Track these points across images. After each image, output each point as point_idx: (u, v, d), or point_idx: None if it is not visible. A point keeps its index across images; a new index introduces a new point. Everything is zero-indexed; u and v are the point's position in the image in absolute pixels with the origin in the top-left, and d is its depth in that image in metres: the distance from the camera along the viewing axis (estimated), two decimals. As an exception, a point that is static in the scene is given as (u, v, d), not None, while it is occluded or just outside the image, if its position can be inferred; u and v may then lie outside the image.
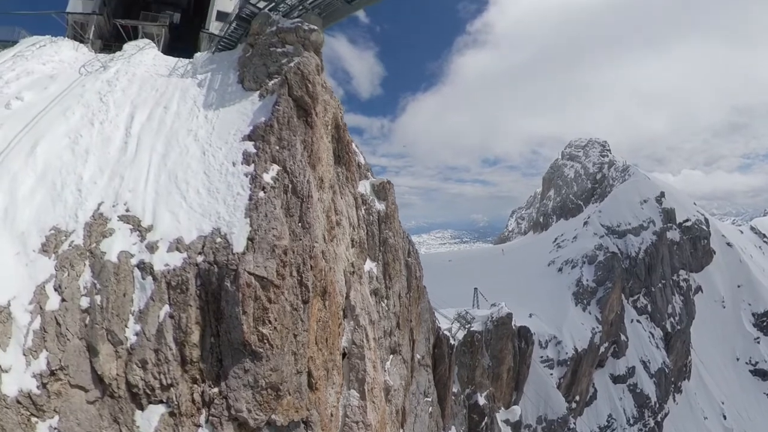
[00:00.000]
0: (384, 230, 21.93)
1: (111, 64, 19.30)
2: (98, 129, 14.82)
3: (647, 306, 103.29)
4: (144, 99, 16.87)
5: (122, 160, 13.83)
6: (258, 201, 11.46)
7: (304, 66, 14.72)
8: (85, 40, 23.20)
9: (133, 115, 15.73)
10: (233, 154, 13.24)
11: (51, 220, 11.65)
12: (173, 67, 20.39)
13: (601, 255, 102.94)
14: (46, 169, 12.86)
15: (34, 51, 19.52)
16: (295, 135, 13.32)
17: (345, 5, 20.01)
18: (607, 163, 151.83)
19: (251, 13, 19.98)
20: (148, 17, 25.90)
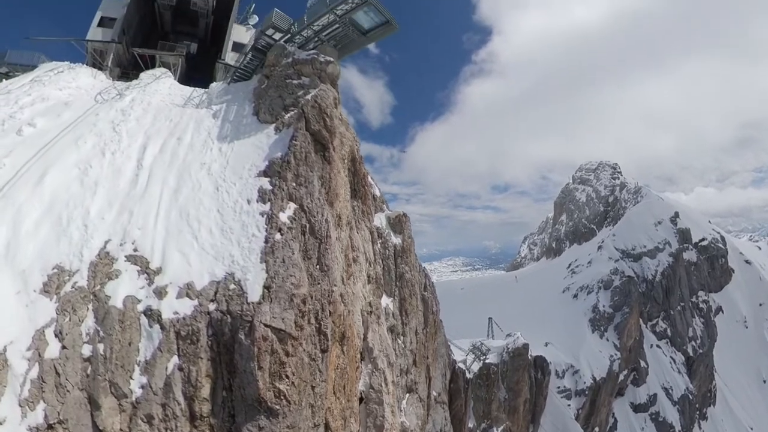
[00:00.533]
0: (400, 264, 21.10)
1: (127, 92, 19.19)
2: (109, 160, 14.38)
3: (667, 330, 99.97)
4: (158, 129, 16.57)
5: (132, 193, 13.27)
6: (274, 244, 10.72)
7: (321, 99, 14.28)
8: (103, 68, 23.37)
9: (145, 146, 15.34)
10: (248, 191, 12.63)
11: (54, 258, 10.95)
12: (188, 97, 20.24)
13: (617, 279, 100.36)
14: (53, 202, 12.28)
15: (52, 77, 19.57)
16: (312, 171, 12.72)
17: (361, 37, 19.82)
18: (618, 185, 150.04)
19: (267, 44, 19.92)
20: (165, 47, 26.21)
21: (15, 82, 19.16)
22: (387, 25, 19.30)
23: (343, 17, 18.40)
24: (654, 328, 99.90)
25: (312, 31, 19.26)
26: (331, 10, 17.93)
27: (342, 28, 19.19)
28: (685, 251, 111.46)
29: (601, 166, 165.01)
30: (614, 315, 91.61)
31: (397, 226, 21.64)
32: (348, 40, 20.08)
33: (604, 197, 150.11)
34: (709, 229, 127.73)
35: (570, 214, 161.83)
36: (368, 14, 18.60)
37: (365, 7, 17.94)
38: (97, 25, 25.03)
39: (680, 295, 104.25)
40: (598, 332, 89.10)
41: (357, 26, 19.20)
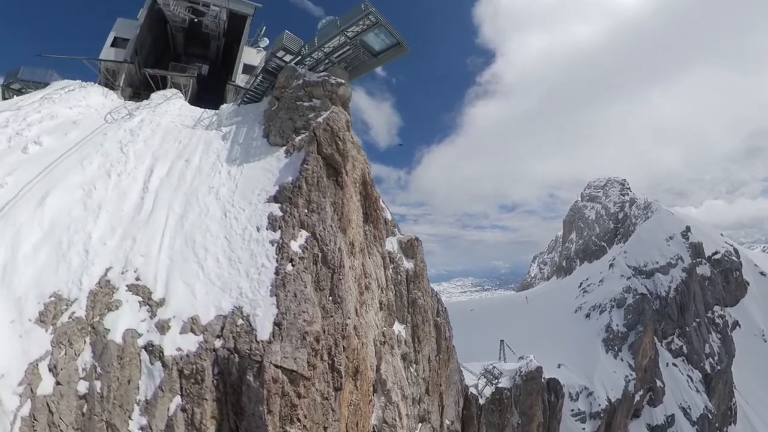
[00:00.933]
0: (413, 290, 20.37)
1: (136, 112, 19.02)
2: (115, 182, 13.93)
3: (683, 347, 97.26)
4: (165, 151, 16.25)
5: (136, 218, 12.75)
6: (286, 276, 10.13)
7: (333, 122, 13.91)
8: (115, 87, 23.44)
9: (152, 168, 14.97)
10: (257, 217, 12.13)
11: (52, 285, 10.34)
12: (198, 118, 20.09)
13: (630, 297, 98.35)
14: (54, 225, 11.70)
15: (62, 95, 19.46)
16: (324, 197, 12.22)
17: (372, 59, 19.64)
18: (628, 201, 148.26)
19: (277, 66, 19.81)
20: (177, 68, 26.39)
21: (26, 99, 19.12)
22: (398, 47, 19.14)
23: (353, 39, 18.25)
24: (669, 346, 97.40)
25: (323, 53, 19.13)
26: (342, 32, 17.81)
27: (353, 50, 19.04)
28: (699, 266, 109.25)
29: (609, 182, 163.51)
30: (628, 334, 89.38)
31: (409, 251, 21.01)
32: (359, 62, 19.91)
33: (613, 214, 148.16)
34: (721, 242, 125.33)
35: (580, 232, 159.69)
36: (379, 36, 18.45)
37: (376, 28, 17.80)
38: (110, 45, 25.34)
39: (695, 311, 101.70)
40: (612, 352, 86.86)
41: (368, 48, 19.05)
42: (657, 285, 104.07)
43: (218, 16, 26.43)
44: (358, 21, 17.35)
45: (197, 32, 28.29)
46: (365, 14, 17.08)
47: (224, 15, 26.64)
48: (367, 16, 17.12)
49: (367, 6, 17.06)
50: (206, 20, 26.59)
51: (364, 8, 17.07)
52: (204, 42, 29.82)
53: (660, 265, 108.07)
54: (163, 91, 22.71)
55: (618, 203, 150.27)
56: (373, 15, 17.13)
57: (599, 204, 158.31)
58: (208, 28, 27.31)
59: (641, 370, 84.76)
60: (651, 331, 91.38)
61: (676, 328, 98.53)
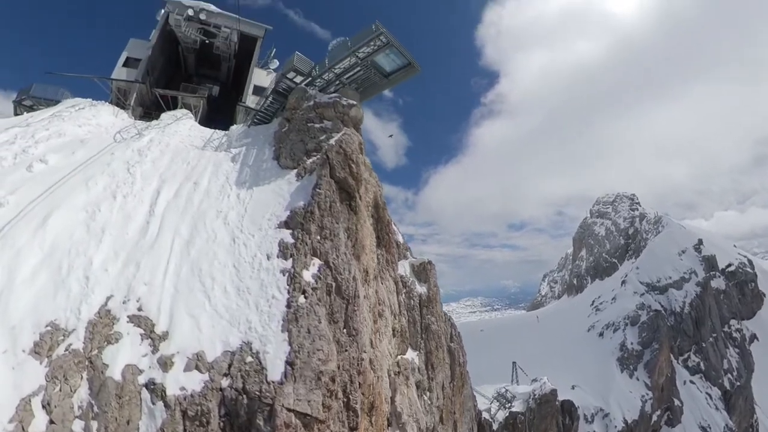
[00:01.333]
0: (426, 315, 19.64)
1: (146, 132, 18.82)
2: (120, 203, 13.46)
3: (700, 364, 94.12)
4: (174, 172, 15.90)
5: (141, 243, 12.26)
6: (298, 309, 9.54)
7: (346, 144, 13.52)
8: (126, 107, 23.48)
9: (159, 190, 14.56)
10: (268, 244, 11.61)
11: (50, 313, 9.75)
12: (208, 139, 19.91)
13: (644, 315, 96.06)
14: (55, 248, 11.16)
15: (72, 113, 19.39)
16: (337, 222, 11.71)
17: (383, 80, 19.46)
18: (638, 216, 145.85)
19: (288, 87, 19.69)
20: (188, 89, 26.50)
21: (36, 116, 19.05)
22: (409, 68, 18.95)
23: (364, 60, 18.10)
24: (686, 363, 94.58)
25: (333, 74, 19.00)
26: (353, 53, 17.67)
27: (363, 71, 18.89)
28: (713, 279, 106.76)
29: (618, 198, 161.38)
30: (643, 352, 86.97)
31: (422, 274, 20.37)
32: (370, 83, 19.73)
33: (623, 230, 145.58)
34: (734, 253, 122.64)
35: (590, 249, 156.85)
36: (390, 56, 18.30)
37: (387, 49, 17.65)
38: (122, 65, 25.54)
39: (711, 326, 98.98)
40: (627, 371, 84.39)
41: (379, 69, 18.89)
42: (671, 301, 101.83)
43: (229, 37, 26.66)
44: (368, 42, 17.23)
45: (208, 54, 28.56)
46: (376, 35, 16.95)
47: (235, 37, 26.86)
48: (378, 36, 16.99)
49: (377, 27, 16.95)
50: (217, 42, 26.85)
51: (375, 29, 16.96)
52: (215, 63, 30.10)
53: (673, 280, 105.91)
54: (173, 112, 22.70)
55: (628, 219, 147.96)
56: (384, 36, 17.00)
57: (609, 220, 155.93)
58: (219, 50, 27.56)
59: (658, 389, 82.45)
60: (667, 349, 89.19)
61: (693, 345, 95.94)
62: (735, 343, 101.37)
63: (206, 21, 26.47)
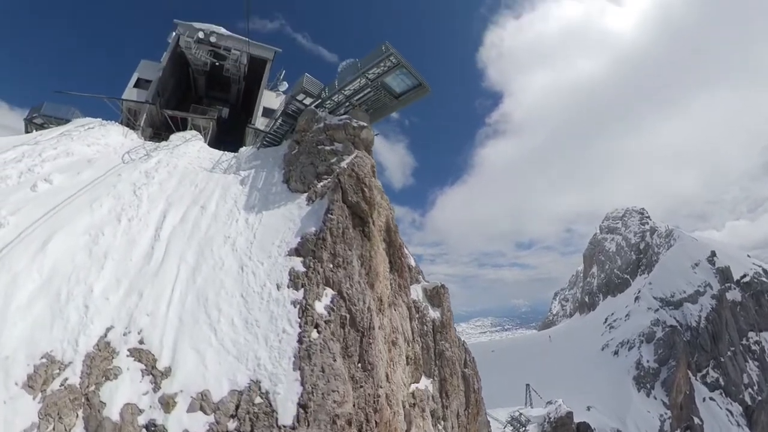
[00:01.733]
0: (440, 341, 18.95)
1: (154, 153, 18.63)
2: (124, 227, 12.97)
3: (719, 379, 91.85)
4: (181, 195, 15.58)
5: (145, 270, 11.80)
6: (311, 346, 9.00)
7: (358, 167, 13.16)
8: (135, 127, 23.54)
9: (165, 214, 14.16)
10: (277, 273, 11.14)
11: (45, 344, 9.16)
12: (217, 161, 19.77)
13: (659, 331, 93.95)
14: (54, 273, 10.62)
15: (82, 132, 19.32)
16: (350, 249, 11.26)
17: (393, 101, 19.28)
18: (648, 230, 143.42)
19: (297, 109, 19.59)
20: (197, 110, 26.62)
21: (45, 134, 19.00)
22: (419, 88, 18.76)
23: (374, 81, 17.95)
24: (705, 379, 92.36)
25: (343, 95, 18.87)
26: (363, 74, 17.54)
27: (374, 92, 18.73)
28: (728, 291, 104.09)
29: (628, 212, 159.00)
30: (660, 370, 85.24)
31: (435, 299, 19.76)
32: (380, 104, 19.55)
33: (634, 244, 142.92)
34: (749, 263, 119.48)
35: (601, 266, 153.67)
36: (400, 77, 18.14)
37: (397, 70, 17.49)
38: (133, 86, 25.72)
39: (729, 340, 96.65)
40: (644, 390, 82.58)
41: (389, 90, 18.72)
42: (686, 315, 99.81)
43: (239, 60, 26.92)
44: (378, 63, 17.09)
45: (218, 75, 28.84)
46: (386, 56, 16.82)
47: (245, 59, 27.11)
48: (388, 57, 16.86)
49: (387, 47, 16.84)
50: (227, 64, 27.11)
51: (385, 50, 16.84)
52: (225, 85, 30.38)
53: (688, 294, 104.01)
54: (183, 133, 22.72)
55: (638, 233, 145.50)
56: (393, 56, 16.87)
57: (619, 235, 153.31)
58: (229, 72, 27.81)
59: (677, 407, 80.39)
60: (684, 365, 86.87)
61: (711, 360, 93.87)
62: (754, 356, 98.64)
63: (216, 43, 26.79)
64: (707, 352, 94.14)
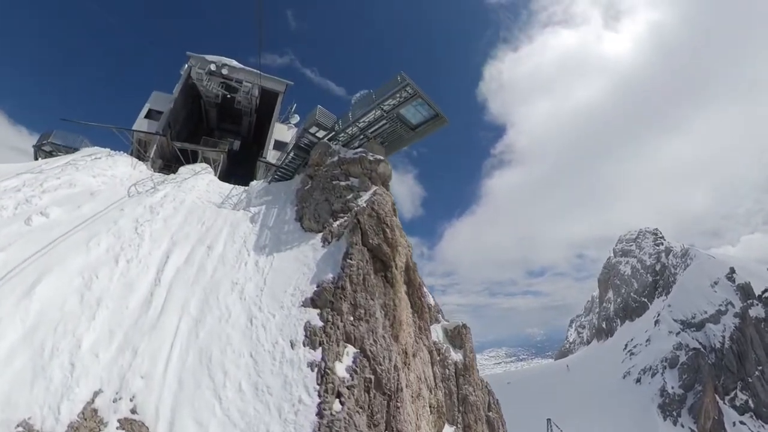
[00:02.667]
0: (463, 385, 17.61)
1: (160, 187, 17.94)
2: (122, 269, 11.93)
3: (748, 401, 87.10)
4: (186, 233, 14.70)
5: (141, 321, 10.69)
6: (333, 421, 7.78)
7: (379, 206, 12.29)
8: (145, 158, 23.16)
9: (169, 254, 13.23)
10: (291, 327, 10.09)
11: (23, 409, 7.94)
12: (227, 195, 19.17)
13: (683, 355, 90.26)
14: (40, 321, 9.54)
15: (88, 162, 18.72)
16: (373, 298, 10.28)
17: (409, 132, 18.68)
18: (663, 251, 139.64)
19: (310, 142, 19.09)
20: (208, 143, 26.38)
21: (51, 162, 18.50)
22: (437, 119, 18.19)
23: (390, 113, 17.44)
24: (733, 402, 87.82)
25: (357, 128, 18.37)
26: (378, 105, 17.05)
27: (389, 124, 18.19)
28: (751, 308, 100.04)
29: (641, 234, 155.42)
30: (686, 395, 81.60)
31: (457, 340, 18.54)
32: (396, 137, 18.96)
33: (650, 266, 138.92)
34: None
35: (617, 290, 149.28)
36: (417, 108, 17.61)
37: (414, 100, 16.98)
38: (144, 117, 25.63)
39: (756, 358, 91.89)
40: (670, 419, 79.10)
41: (405, 121, 18.17)
42: (709, 336, 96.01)
43: (250, 92, 26.88)
44: (394, 93, 16.61)
45: (230, 108, 28.85)
46: (402, 86, 16.33)
47: (256, 91, 27.06)
48: (404, 88, 16.37)
49: (403, 77, 16.37)
50: (238, 96, 27.07)
51: (401, 80, 16.37)
52: (236, 117, 30.36)
53: (709, 314, 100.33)
54: (192, 166, 22.31)
55: (653, 254, 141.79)
56: (410, 87, 16.38)
57: (634, 258, 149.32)
58: (241, 104, 27.79)
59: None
60: (711, 389, 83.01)
61: (738, 381, 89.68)
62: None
63: (228, 76, 26.82)
64: (734, 374, 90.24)
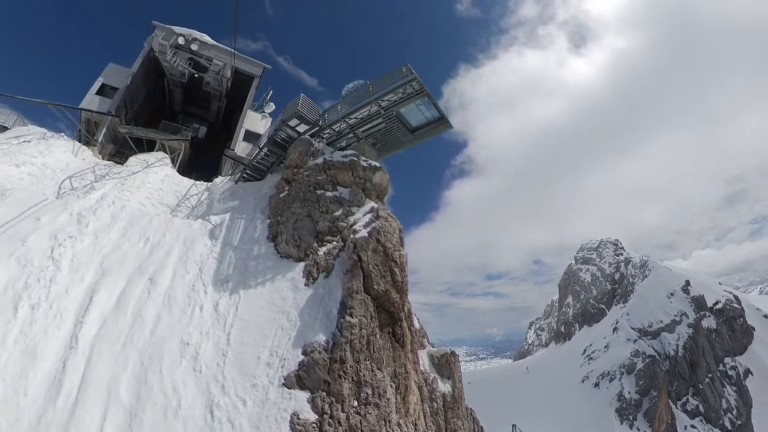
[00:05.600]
0: (451, 419, 15.36)
1: (98, 185, 14.05)
2: (22, 323, 8.11)
3: (699, 406, 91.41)
4: (122, 257, 10.78)
5: (46, 419, 6.85)
6: None
7: (386, 236, 9.24)
8: (91, 142, 19.07)
9: (93, 293, 9.36)
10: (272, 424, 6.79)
11: None
12: (184, 195, 15.75)
13: (640, 362, 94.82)
14: None
15: (13, 146, 14.52)
16: (381, 368, 7.41)
17: (407, 135, 15.94)
18: (623, 261, 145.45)
19: (288, 137, 15.99)
20: (169, 128, 22.34)
21: None
22: (440, 123, 15.54)
23: (388, 110, 14.63)
24: (685, 407, 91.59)
25: (347, 124, 15.45)
26: (376, 100, 14.22)
27: (385, 124, 15.38)
28: (703, 319, 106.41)
29: (602, 243, 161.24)
30: (642, 401, 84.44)
31: (445, 369, 16.23)
32: (390, 138, 16.14)
33: (609, 275, 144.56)
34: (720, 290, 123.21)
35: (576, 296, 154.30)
36: (419, 108, 14.89)
37: (418, 99, 14.23)
38: (95, 93, 21.11)
39: (706, 366, 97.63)
40: (627, 422, 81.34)
41: (403, 122, 15.43)
42: (664, 345, 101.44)
43: (221, 72, 23.06)
44: (396, 88, 13.82)
45: (197, 90, 24.79)
46: (407, 80, 13.56)
47: (228, 72, 23.28)
48: (410, 82, 13.62)
49: (409, 70, 13.62)
50: (208, 77, 23.19)
51: (406, 73, 13.62)
52: (204, 101, 26.26)
53: (665, 323, 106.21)
54: (146, 156, 18.35)
55: (613, 264, 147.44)
56: (417, 82, 13.64)
57: (594, 266, 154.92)
58: (210, 86, 23.83)
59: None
60: (665, 395, 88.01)
61: (690, 387, 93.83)
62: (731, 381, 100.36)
63: (198, 52, 22.90)
64: (686, 380, 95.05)
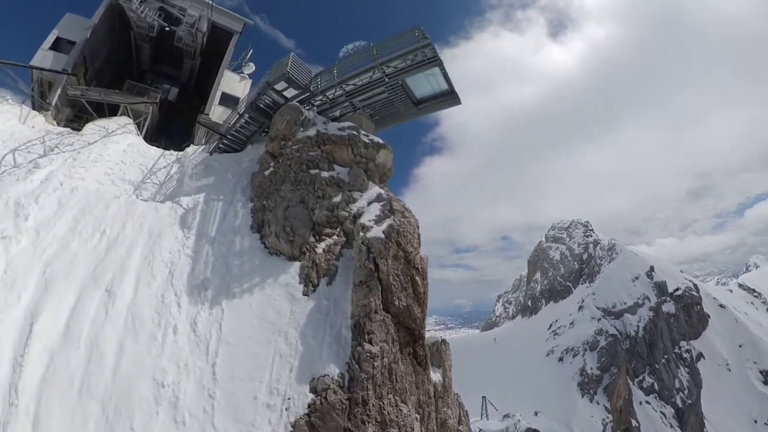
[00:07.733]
0: (441, 408, 14.49)
1: (43, 161, 11.52)
2: None
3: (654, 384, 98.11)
4: (71, 260, 8.42)
5: None
6: None
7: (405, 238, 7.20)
8: (44, 106, 16.18)
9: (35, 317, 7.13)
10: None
11: None
12: (150, 169, 13.46)
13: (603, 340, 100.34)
14: None
15: None
16: (405, 400, 5.83)
17: (409, 108, 13.99)
18: (592, 242, 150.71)
19: (273, 102, 13.77)
20: (134, 89, 19.30)
21: None
22: (449, 97, 13.64)
23: (393, 78, 12.63)
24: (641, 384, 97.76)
25: (343, 91, 13.34)
26: (380, 66, 12.18)
27: (387, 93, 13.38)
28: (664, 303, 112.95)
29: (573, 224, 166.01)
30: (602, 376, 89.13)
31: (435, 357, 15.16)
32: (392, 110, 14.16)
33: (578, 255, 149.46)
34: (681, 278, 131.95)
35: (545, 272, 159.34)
36: (428, 79, 12.93)
37: (428, 68, 12.26)
38: (48, 47, 17.68)
39: (663, 348, 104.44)
40: (588, 396, 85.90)
41: (408, 92, 13.47)
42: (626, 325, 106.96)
43: (196, 25, 19.96)
44: (406, 54, 11.81)
45: (168, 46, 21.51)
46: (420, 46, 11.55)
47: (204, 26, 20.20)
48: (422, 48, 11.63)
49: (422, 34, 11.63)
50: (180, 31, 20.02)
51: (419, 36, 11.62)
52: (175, 59, 22.95)
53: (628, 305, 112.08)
54: (106, 122, 15.55)
55: (582, 244, 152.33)
56: (429, 49, 11.65)
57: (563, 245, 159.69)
58: (182, 42, 20.66)
59: (617, 411, 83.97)
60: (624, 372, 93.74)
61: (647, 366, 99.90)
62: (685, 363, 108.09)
63: (169, 1, 19.68)
64: (644, 360, 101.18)
